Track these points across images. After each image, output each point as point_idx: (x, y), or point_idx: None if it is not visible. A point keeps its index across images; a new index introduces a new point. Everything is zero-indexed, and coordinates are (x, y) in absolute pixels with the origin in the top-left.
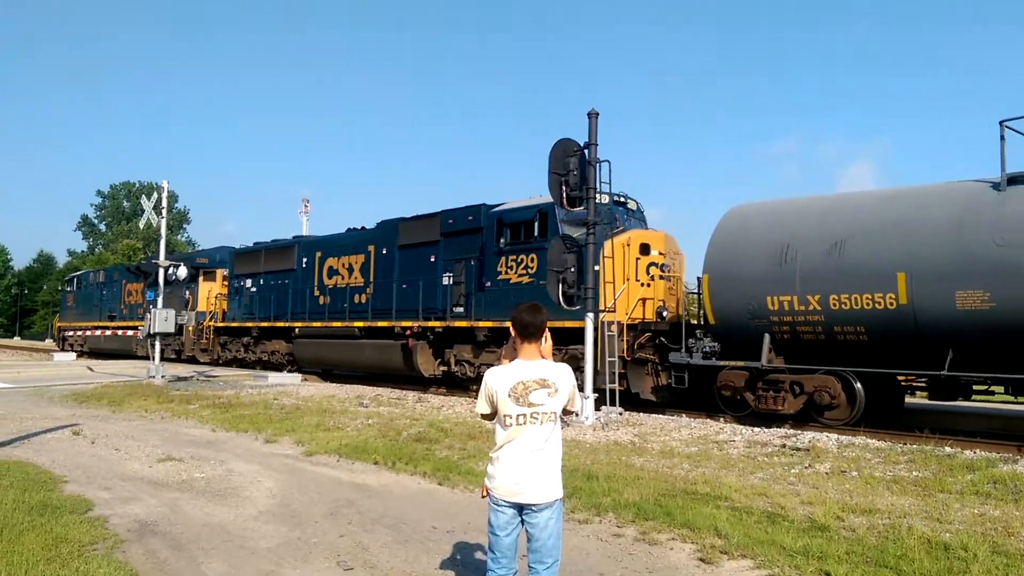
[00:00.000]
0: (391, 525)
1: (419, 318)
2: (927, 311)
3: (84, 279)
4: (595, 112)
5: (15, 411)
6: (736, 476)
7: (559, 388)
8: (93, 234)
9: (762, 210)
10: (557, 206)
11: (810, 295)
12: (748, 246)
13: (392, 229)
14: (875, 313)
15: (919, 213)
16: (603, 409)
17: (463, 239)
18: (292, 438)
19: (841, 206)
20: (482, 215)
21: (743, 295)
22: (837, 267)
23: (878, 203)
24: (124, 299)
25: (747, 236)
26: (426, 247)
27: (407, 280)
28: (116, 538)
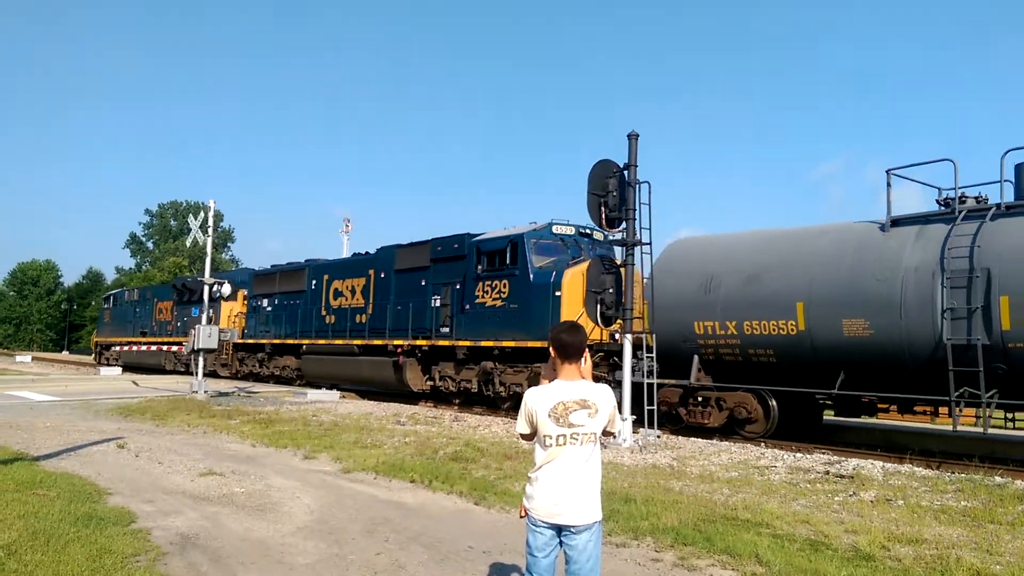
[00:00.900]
0: (428, 544)
1: (409, 337)
2: (820, 336)
3: (119, 297)
4: (635, 134)
5: (63, 424)
6: (778, 502)
7: (600, 409)
8: (141, 252)
9: (694, 245)
10: (598, 228)
11: (728, 321)
12: (681, 277)
13: (390, 254)
14: (781, 338)
15: (818, 250)
16: (641, 432)
17: (449, 265)
18: (330, 455)
19: (758, 242)
20: (465, 244)
21: (676, 320)
22: (750, 297)
23: (787, 240)
24: (155, 316)
25: (680, 268)
26: (418, 272)
27: (401, 302)
28: (158, 550)
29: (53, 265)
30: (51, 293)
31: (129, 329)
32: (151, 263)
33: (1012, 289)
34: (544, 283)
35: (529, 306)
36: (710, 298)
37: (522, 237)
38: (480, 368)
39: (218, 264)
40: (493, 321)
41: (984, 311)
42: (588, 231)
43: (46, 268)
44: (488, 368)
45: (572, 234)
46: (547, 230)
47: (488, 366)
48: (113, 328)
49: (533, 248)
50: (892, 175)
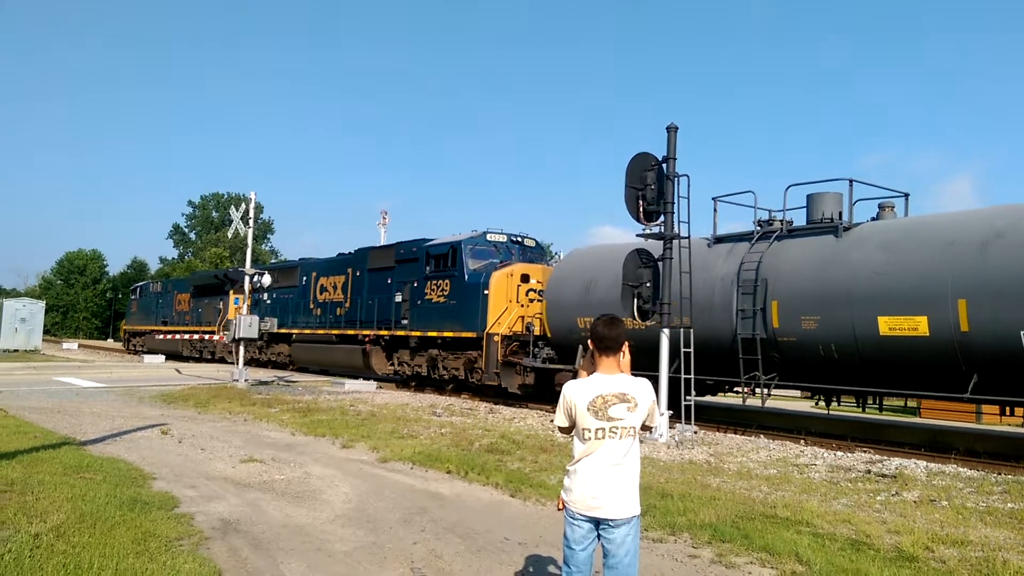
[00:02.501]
0: (464, 534)
1: (375, 328)
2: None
3: (145, 289)
4: (674, 126)
5: (108, 410)
6: (818, 501)
7: (639, 403)
8: (183, 242)
9: (581, 254)
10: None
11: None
12: (569, 281)
13: (364, 255)
14: (638, 331)
15: None
16: (678, 427)
17: (408, 266)
18: (367, 444)
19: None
20: (419, 248)
21: (565, 316)
22: (612, 297)
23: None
24: (175, 307)
25: (570, 273)
26: (385, 271)
27: (371, 297)
28: (201, 535)
29: (99, 255)
30: (97, 282)
31: (153, 318)
32: (193, 253)
33: (780, 295)
34: (476, 283)
35: (464, 302)
36: (588, 298)
37: (460, 243)
38: (427, 355)
39: (258, 255)
40: (437, 315)
41: (763, 312)
42: (519, 238)
43: (92, 257)
44: (433, 355)
45: (504, 241)
46: (482, 237)
47: (433, 353)
48: (139, 317)
49: (469, 253)
50: (717, 202)
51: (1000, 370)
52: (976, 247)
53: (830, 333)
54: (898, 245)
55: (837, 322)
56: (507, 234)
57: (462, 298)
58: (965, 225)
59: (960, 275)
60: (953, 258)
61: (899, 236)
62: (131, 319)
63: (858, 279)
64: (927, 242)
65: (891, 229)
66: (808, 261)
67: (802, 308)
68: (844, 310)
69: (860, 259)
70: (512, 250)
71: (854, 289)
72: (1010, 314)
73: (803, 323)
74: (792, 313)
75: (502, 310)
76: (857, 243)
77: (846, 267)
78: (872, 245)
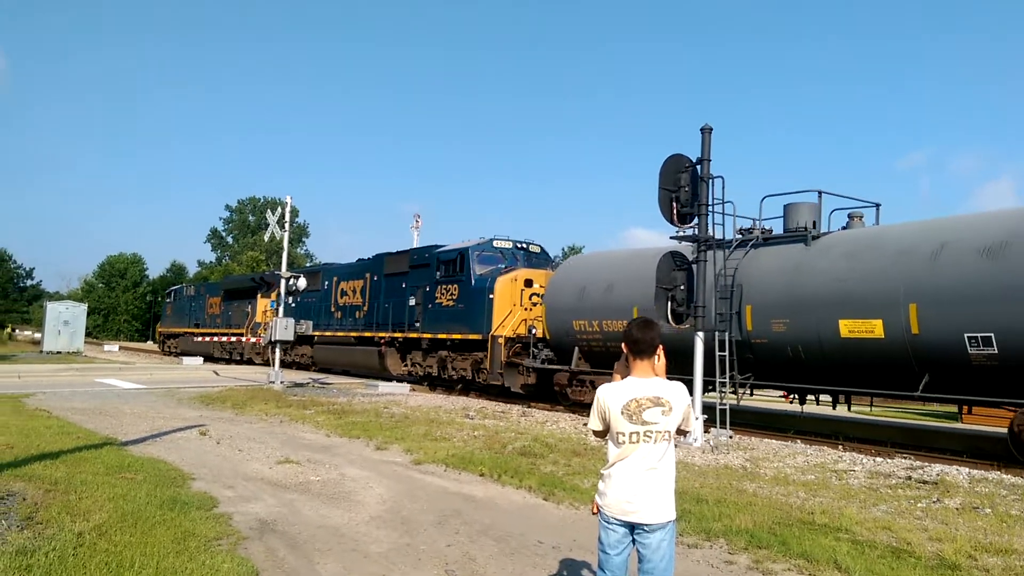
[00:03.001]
0: (497, 537)
1: (390, 330)
2: None
3: (179, 292)
4: (708, 127)
5: (148, 411)
6: (857, 508)
7: (674, 407)
8: (221, 246)
9: (576, 262)
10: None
11: (594, 320)
12: (565, 287)
13: (381, 261)
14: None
15: (646, 267)
16: (712, 431)
17: (421, 271)
18: (401, 446)
19: (613, 261)
20: (431, 254)
21: (562, 320)
22: (607, 302)
23: (630, 259)
24: (207, 310)
25: (566, 280)
26: (400, 276)
27: (387, 301)
28: (239, 535)
29: (139, 258)
30: (137, 285)
31: (187, 321)
32: (230, 257)
33: (753, 300)
34: (481, 287)
35: (471, 306)
36: (583, 303)
37: (468, 250)
38: (438, 356)
39: (293, 259)
40: (447, 318)
41: (738, 316)
42: (524, 244)
43: (133, 261)
44: (443, 356)
45: (510, 247)
46: (488, 244)
47: (443, 354)
48: (174, 320)
49: (476, 259)
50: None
51: (947, 370)
52: (927, 256)
53: (798, 335)
54: (859, 253)
55: (804, 325)
56: (513, 241)
57: (469, 302)
58: (918, 235)
59: (912, 282)
60: (906, 266)
61: (861, 245)
62: (166, 321)
63: (823, 285)
64: (884, 251)
65: (854, 238)
66: (779, 268)
67: (773, 312)
68: (810, 314)
69: (826, 266)
70: (517, 256)
71: (819, 294)
72: (954, 318)
73: (774, 326)
74: (764, 317)
75: (506, 313)
76: (824, 251)
77: (813, 274)
78: (837, 253)
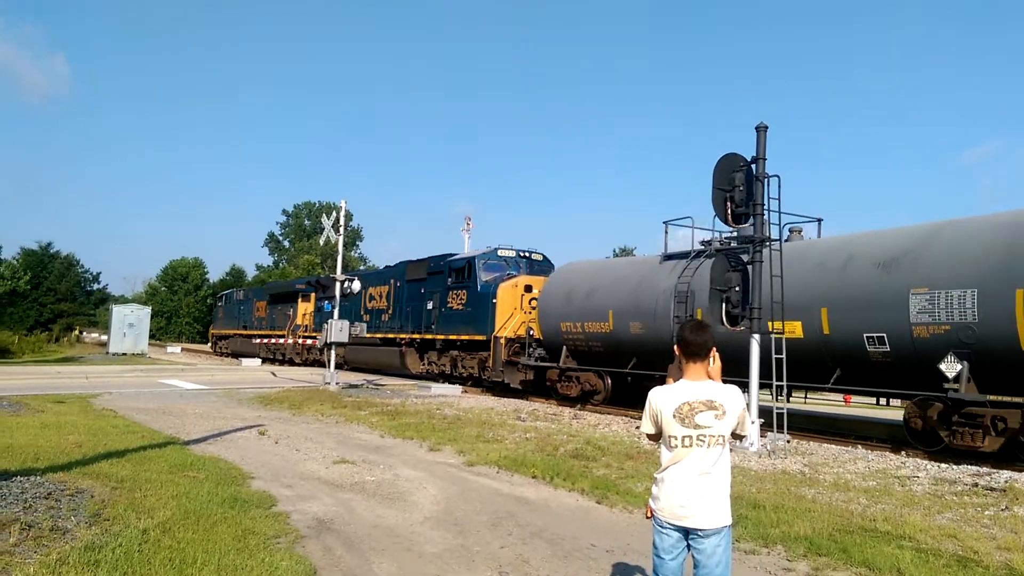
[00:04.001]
0: (550, 540)
1: (409, 332)
2: (620, 334)
3: (230, 297)
4: (764, 126)
5: (209, 411)
6: (921, 515)
7: (727, 410)
8: (278, 250)
9: (564, 270)
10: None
11: (577, 322)
12: (555, 292)
13: (403, 268)
14: (602, 334)
15: (622, 275)
16: (769, 436)
17: (437, 278)
18: (454, 447)
19: (593, 269)
20: (445, 262)
21: (552, 322)
22: (588, 306)
23: (609, 268)
24: (254, 314)
25: (556, 286)
26: (419, 282)
27: (408, 305)
28: (296, 533)
29: (200, 262)
30: (198, 288)
31: (236, 323)
32: (287, 261)
33: (703, 304)
34: (486, 292)
35: (477, 309)
36: (569, 307)
37: (474, 259)
38: (450, 355)
39: (348, 262)
40: (457, 320)
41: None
42: (527, 253)
43: (194, 265)
44: (454, 355)
45: (513, 256)
46: (493, 253)
47: (454, 354)
48: (225, 322)
49: (482, 267)
50: (669, 226)
51: (853, 365)
52: (837, 267)
53: (739, 335)
54: (789, 264)
55: None
56: (516, 250)
57: (476, 306)
58: (834, 249)
59: (825, 289)
60: (821, 276)
61: (791, 257)
62: (217, 324)
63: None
64: (807, 262)
65: (788, 251)
66: None
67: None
68: None
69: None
70: (520, 264)
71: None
72: (856, 320)
73: (719, 327)
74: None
75: (508, 316)
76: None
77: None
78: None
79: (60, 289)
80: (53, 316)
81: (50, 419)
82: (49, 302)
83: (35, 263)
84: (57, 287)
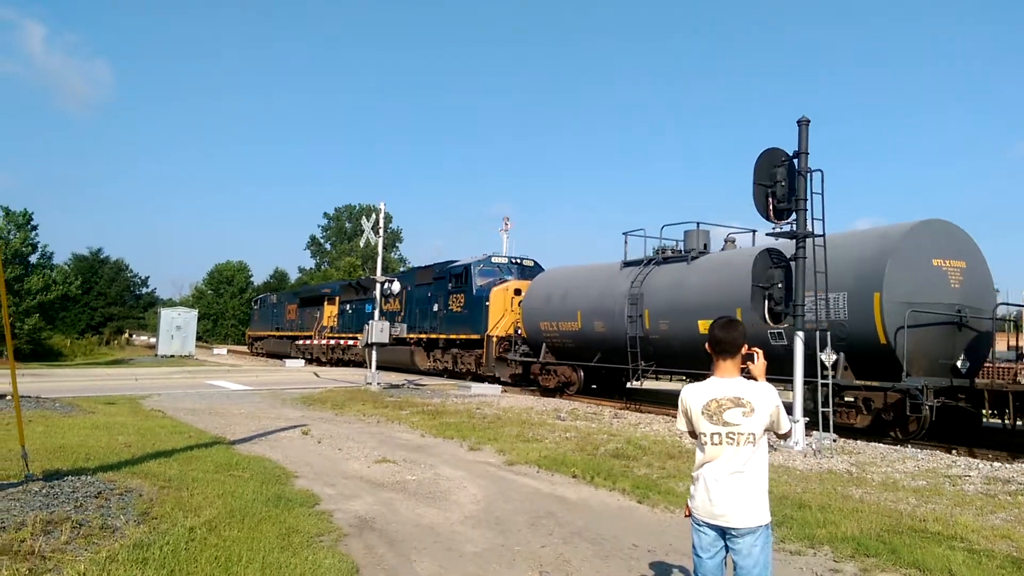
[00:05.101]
0: (591, 539)
1: (417, 332)
2: (587, 332)
3: (264, 300)
4: (806, 120)
5: (254, 411)
6: (973, 515)
7: (756, 408)
8: (320, 252)
9: (545, 275)
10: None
11: (554, 322)
12: (536, 295)
13: (414, 273)
14: (573, 332)
15: (590, 280)
16: (814, 435)
17: (441, 283)
18: (494, 447)
19: (569, 274)
20: (447, 268)
21: (534, 321)
22: (562, 307)
23: (580, 273)
24: (285, 316)
25: (537, 289)
26: (426, 286)
27: (417, 308)
28: (339, 532)
29: (245, 266)
30: (243, 291)
31: (269, 325)
32: (329, 263)
33: (649, 306)
34: (480, 296)
35: (473, 311)
36: (547, 308)
37: (470, 265)
38: (451, 353)
39: (388, 263)
40: (457, 321)
41: (640, 318)
42: (518, 260)
43: (239, 268)
44: (455, 353)
45: (505, 262)
46: (488, 260)
47: (455, 352)
48: (260, 324)
49: (477, 272)
50: (628, 236)
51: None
52: (748, 272)
53: (676, 333)
54: (716, 270)
55: (679, 325)
56: (508, 256)
57: (472, 308)
58: (749, 257)
59: (740, 292)
60: (738, 280)
61: (718, 264)
62: (253, 326)
63: (691, 294)
64: (729, 268)
65: (717, 259)
66: (668, 282)
67: (661, 315)
68: (683, 316)
69: (695, 280)
70: (512, 269)
71: (688, 301)
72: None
73: (661, 325)
74: (656, 318)
75: (500, 317)
76: (696, 268)
77: (686, 286)
78: (703, 270)
79: (110, 293)
80: (103, 320)
81: (101, 420)
82: (100, 306)
83: (86, 269)
84: (107, 292)
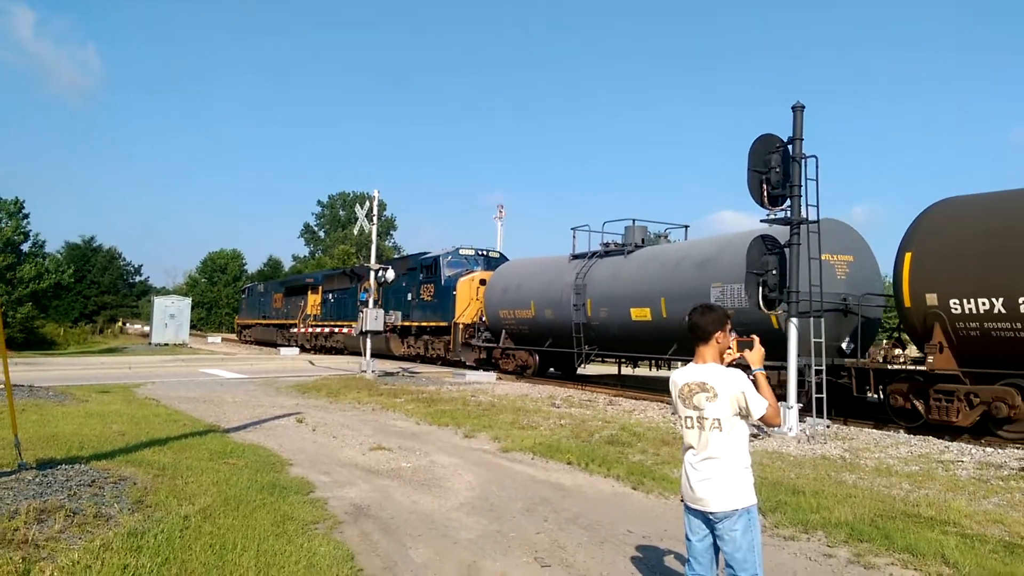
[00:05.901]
0: (586, 526)
1: (392, 320)
2: (539, 319)
3: (252, 289)
4: (800, 105)
5: (248, 399)
6: (965, 500)
7: (719, 393)
8: (314, 240)
9: (504, 267)
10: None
11: (511, 310)
12: (496, 285)
13: (391, 265)
14: (528, 319)
15: (542, 271)
16: (808, 421)
17: (414, 273)
18: (489, 434)
19: (523, 266)
20: (419, 259)
21: (494, 309)
22: (517, 296)
23: (533, 265)
24: (272, 305)
25: (497, 280)
26: (403, 276)
27: (394, 296)
28: (334, 519)
29: (239, 254)
30: (237, 279)
31: (257, 314)
32: (323, 251)
33: (592, 295)
34: (448, 286)
35: (441, 300)
36: (506, 297)
37: (439, 257)
38: (423, 339)
39: (382, 251)
40: (428, 310)
41: (584, 306)
42: (484, 251)
43: (232, 256)
44: (425, 339)
45: (472, 254)
46: (456, 252)
47: (426, 338)
48: (248, 313)
49: (445, 264)
50: (576, 231)
51: (683, 341)
52: (673, 266)
53: (613, 319)
54: (645, 263)
55: (616, 312)
56: (475, 248)
57: (441, 297)
58: (674, 252)
59: (665, 283)
60: (664, 273)
61: (648, 258)
62: (242, 314)
63: (626, 284)
64: (656, 261)
65: (648, 253)
66: (607, 273)
67: (601, 303)
68: (619, 304)
69: (629, 272)
70: (479, 260)
71: (623, 290)
72: (682, 306)
73: (601, 313)
74: (597, 307)
75: (466, 306)
76: (631, 261)
77: (622, 278)
78: (637, 263)
79: (103, 282)
80: (97, 308)
81: (94, 408)
82: (93, 295)
83: (79, 257)
84: (100, 280)
